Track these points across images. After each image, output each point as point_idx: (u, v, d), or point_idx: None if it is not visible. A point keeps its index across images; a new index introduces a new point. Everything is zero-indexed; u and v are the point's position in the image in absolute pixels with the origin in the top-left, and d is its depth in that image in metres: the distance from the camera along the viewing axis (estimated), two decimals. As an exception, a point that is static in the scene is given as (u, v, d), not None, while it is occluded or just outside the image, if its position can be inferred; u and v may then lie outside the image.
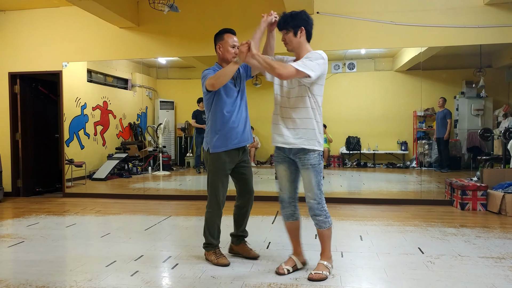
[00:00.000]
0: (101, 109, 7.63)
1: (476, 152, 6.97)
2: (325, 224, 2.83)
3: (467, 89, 7.30)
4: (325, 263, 2.85)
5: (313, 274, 2.78)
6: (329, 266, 2.86)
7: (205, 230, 3.18)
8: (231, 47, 3.07)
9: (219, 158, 3.08)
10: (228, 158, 3.08)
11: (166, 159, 8.18)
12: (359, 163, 8.13)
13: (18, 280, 2.84)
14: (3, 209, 5.58)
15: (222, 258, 3.10)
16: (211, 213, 3.15)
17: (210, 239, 3.15)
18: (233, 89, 3.07)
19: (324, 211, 2.83)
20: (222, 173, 3.10)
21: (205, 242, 3.20)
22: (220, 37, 3.13)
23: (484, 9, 5.41)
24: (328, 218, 2.85)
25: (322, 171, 2.87)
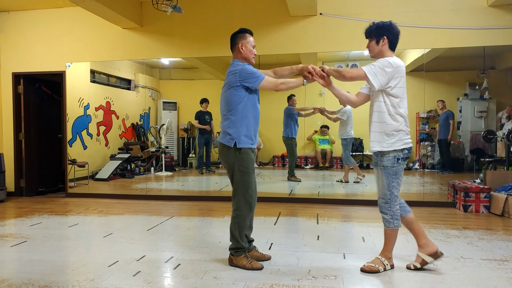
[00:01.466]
0: (104, 110, 7.65)
1: (479, 154, 6.94)
2: (389, 224, 2.96)
3: (471, 91, 7.27)
4: (382, 259, 2.98)
5: (366, 266, 2.96)
6: (385, 263, 2.96)
7: (235, 234, 3.01)
8: (253, 48, 3.14)
9: (248, 154, 3.00)
10: (253, 155, 3.08)
11: (168, 160, 8.18)
12: (361, 164, 8.11)
13: (20, 279, 2.85)
14: (6, 209, 5.60)
15: (254, 262, 3.03)
16: (242, 216, 3.00)
17: (241, 243, 3.01)
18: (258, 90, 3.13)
19: (391, 212, 2.94)
20: (252, 171, 3.02)
21: (235, 247, 3.03)
22: (243, 36, 3.12)
23: (488, 10, 5.39)
24: (394, 220, 2.94)
25: (398, 174, 2.94)
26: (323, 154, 8.10)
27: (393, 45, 3.03)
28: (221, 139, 3.05)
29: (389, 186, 2.94)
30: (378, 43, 3.00)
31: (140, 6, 6.24)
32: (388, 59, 2.92)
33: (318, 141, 8.10)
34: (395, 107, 2.90)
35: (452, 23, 5.45)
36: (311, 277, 2.85)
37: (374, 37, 3.01)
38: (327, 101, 7.18)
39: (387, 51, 3.01)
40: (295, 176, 7.18)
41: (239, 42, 3.10)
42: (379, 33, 2.99)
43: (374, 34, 3.01)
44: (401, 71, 2.93)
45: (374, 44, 3.02)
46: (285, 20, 5.84)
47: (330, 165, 8.16)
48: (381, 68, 2.87)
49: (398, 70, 2.90)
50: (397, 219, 2.95)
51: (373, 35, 3.02)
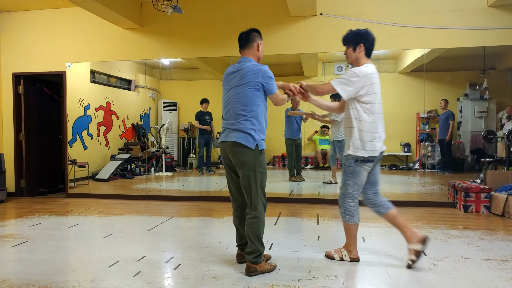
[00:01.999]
0: (104, 110, 7.65)
1: (480, 154, 6.94)
2: (342, 218, 3.17)
3: (471, 91, 7.27)
4: (342, 249, 3.23)
5: (328, 251, 3.30)
6: (344, 254, 3.19)
7: (256, 240, 2.86)
8: None
9: (264, 156, 2.97)
10: None
11: (169, 160, 8.19)
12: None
13: (21, 280, 2.85)
14: (6, 209, 5.60)
15: (272, 264, 3.03)
16: (262, 218, 2.91)
17: (262, 248, 2.89)
18: None
19: (344, 207, 3.14)
20: (266, 173, 3.00)
21: (257, 253, 2.87)
22: (260, 36, 3.08)
23: (488, 11, 5.39)
24: (346, 215, 3.13)
25: (355, 174, 3.10)
26: (323, 154, 8.10)
27: (369, 52, 3.16)
28: (239, 139, 2.85)
29: (345, 183, 3.13)
30: (354, 50, 3.12)
31: (140, 6, 6.25)
32: (355, 69, 3.05)
33: (318, 141, 8.10)
34: (367, 113, 3.04)
35: (452, 24, 5.45)
36: (311, 277, 2.85)
37: (351, 44, 3.13)
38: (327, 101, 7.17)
39: (363, 58, 3.14)
40: (295, 176, 7.19)
41: (258, 41, 3.04)
42: (356, 41, 3.11)
43: (351, 41, 3.13)
44: (371, 79, 3.03)
45: (351, 51, 3.14)
46: (286, 20, 5.85)
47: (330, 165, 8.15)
48: (348, 79, 3.00)
49: (367, 78, 3.02)
50: (350, 215, 3.11)
51: (350, 43, 3.14)
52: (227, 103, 2.99)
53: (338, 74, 7.83)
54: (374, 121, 3.04)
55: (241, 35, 3.07)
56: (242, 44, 3.05)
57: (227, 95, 3.00)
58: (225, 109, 3.01)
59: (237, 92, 2.91)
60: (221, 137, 3.03)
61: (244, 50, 3.05)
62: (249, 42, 3.02)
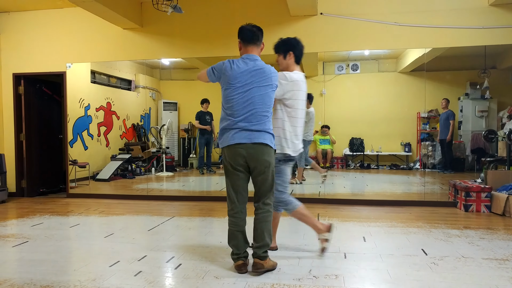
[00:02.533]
0: (104, 110, 7.66)
1: (480, 154, 6.94)
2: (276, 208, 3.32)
3: (472, 90, 7.27)
4: None
5: None
6: None
7: (268, 234, 2.92)
8: None
9: None
10: None
11: (169, 160, 8.19)
12: (362, 164, 8.11)
13: (22, 279, 2.85)
14: (7, 209, 5.61)
15: (274, 261, 3.06)
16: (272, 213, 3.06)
17: (270, 243, 2.97)
18: None
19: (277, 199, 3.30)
20: None
21: (267, 247, 2.92)
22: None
23: (489, 10, 5.39)
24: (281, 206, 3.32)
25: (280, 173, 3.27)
26: (324, 154, 8.10)
27: (298, 59, 3.31)
28: (266, 141, 2.87)
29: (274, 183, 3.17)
30: (285, 58, 3.28)
31: (140, 6, 6.25)
32: (286, 73, 3.18)
33: (319, 141, 8.10)
34: (289, 117, 3.19)
35: (453, 23, 5.45)
36: (312, 276, 2.85)
37: (281, 52, 3.29)
38: (328, 101, 7.19)
39: (292, 65, 3.28)
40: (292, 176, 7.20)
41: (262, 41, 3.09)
42: (286, 49, 3.27)
43: (281, 49, 3.29)
44: (297, 85, 3.17)
45: (282, 59, 3.29)
46: (286, 20, 5.85)
47: (331, 165, 8.16)
48: (278, 81, 3.08)
49: (294, 84, 3.16)
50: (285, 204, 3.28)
51: (280, 51, 3.29)
52: (248, 103, 2.85)
53: (339, 74, 7.85)
54: (296, 125, 3.22)
55: (252, 29, 2.98)
56: (252, 39, 2.98)
57: (246, 94, 2.86)
58: (244, 108, 2.86)
59: (262, 92, 2.88)
60: (235, 138, 2.85)
61: (253, 47, 2.99)
62: (258, 40, 3.02)
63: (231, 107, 2.90)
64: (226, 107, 2.94)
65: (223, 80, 2.96)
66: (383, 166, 8.09)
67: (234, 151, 2.87)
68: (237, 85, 2.88)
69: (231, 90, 2.90)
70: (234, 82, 2.89)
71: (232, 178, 2.95)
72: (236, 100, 2.88)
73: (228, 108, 2.92)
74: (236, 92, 2.88)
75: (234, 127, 2.88)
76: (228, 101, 2.92)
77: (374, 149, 8.05)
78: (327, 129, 8.00)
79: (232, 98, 2.89)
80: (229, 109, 2.92)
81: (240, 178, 2.94)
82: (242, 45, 3.02)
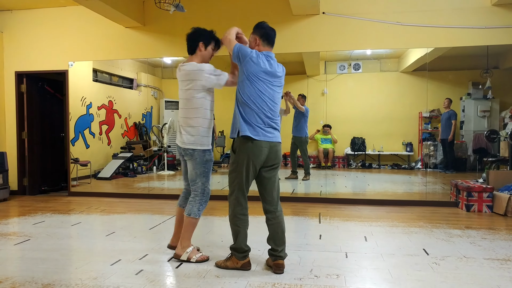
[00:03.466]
0: (106, 109, 7.66)
1: (482, 154, 6.92)
2: (198, 214, 3.27)
3: (474, 90, 7.24)
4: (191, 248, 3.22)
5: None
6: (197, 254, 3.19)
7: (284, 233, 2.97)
8: None
9: None
10: None
11: (171, 159, 8.19)
12: (364, 164, 8.10)
13: (24, 277, 2.86)
14: (9, 208, 5.62)
15: None
16: None
17: None
18: None
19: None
20: None
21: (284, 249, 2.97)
22: None
23: (492, 9, 5.37)
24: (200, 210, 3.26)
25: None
26: (325, 154, 8.09)
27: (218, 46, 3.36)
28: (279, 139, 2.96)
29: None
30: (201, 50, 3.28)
31: (143, 5, 6.25)
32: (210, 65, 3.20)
33: (320, 140, 8.09)
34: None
35: (456, 22, 5.44)
36: (313, 276, 2.85)
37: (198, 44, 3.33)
38: (330, 101, 7.18)
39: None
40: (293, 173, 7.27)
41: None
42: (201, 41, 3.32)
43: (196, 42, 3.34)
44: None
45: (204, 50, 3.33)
46: (288, 19, 5.84)
47: (332, 164, 8.15)
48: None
49: None
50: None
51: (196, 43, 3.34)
52: (276, 101, 2.96)
53: (341, 73, 7.84)
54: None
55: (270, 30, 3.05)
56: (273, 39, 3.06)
57: (276, 93, 2.95)
58: (274, 106, 2.94)
59: (280, 91, 3.01)
60: (266, 136, 2.85)
61: (271, 46, 3.06)
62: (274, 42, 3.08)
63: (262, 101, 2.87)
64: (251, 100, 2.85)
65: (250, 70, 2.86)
66: (385, 165, 8.08)
67: (263, 150, 2.85)
68: (269, 82, 2.90)
69: (265, 86, 2.88)
70: (267, 78, 2.91)
71: (248, 176, 2.88)
72: (268, 96, 2.89)
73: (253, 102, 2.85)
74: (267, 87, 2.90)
75: (268, 125, 2.89)
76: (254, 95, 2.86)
77: (375, 149, 8.04)
78: (328, 128, 8.00)
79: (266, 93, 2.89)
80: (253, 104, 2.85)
81: (253, 176, 2.93)
82: (261, 42, 3.01)
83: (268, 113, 2.87)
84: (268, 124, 2.87)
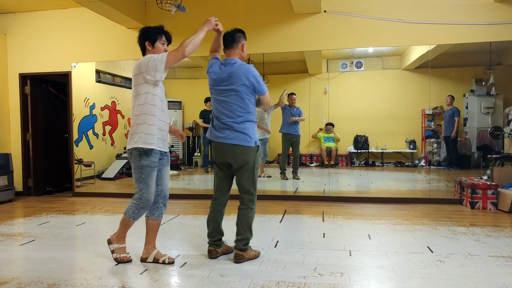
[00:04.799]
0: (109, 109, 7.69)
1: (486, 151, 6.90)
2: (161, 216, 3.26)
3: (477, 87, 7.23)
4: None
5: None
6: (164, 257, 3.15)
7: (249, 229, 3.11)
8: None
9: None
10: None
11: (174, 159, 8.21)
12: (367, 162, 8.09)
13: (29, 278, 2.87)
14: (14, 208, 5.65)
15: (257, 251, 3.26)
16: (254, 210, 3.17)
17: (250, 236, 3.14)
18: None
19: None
20: None
21: (247, 241, 3.12)
22: (245, 37, 3.25)
23: (494, 6, 5.35)
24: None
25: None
26: (328, 152, 8.09)
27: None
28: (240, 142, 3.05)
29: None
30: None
31: (144, 5, 6.26)
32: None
33: (323, 138, 8.09)
34: None
35: (458, 19, 5.42)
36: (317, 274, 2.86)
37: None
38: (332, 99, 7.17)
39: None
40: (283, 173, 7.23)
41: (243, 41, 3.19)
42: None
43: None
44: None
45: None
46: (289, 17, 5.84)
47: (335, 162, 8.15)
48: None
49: None
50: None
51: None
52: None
53: (343, 72, 7.83)
54: None
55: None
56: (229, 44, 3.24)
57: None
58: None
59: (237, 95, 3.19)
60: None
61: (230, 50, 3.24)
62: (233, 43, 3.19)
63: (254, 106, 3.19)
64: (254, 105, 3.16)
65: None
66: (388, 163, 8.07)
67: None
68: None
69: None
70: None
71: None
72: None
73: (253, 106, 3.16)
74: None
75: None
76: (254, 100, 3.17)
77: (378, 147, 8.04)
78: (331, 126, 8.00)
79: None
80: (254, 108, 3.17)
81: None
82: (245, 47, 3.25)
83: None
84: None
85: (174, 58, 3.01)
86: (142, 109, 2.96)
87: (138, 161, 2.94)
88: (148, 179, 2.98)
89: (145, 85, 2.97)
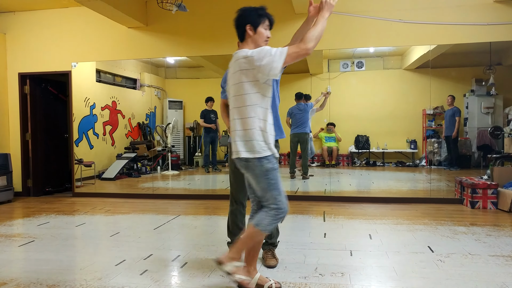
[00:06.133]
0: (110, 109, 7.68)
1: (486, 150, 6.90)
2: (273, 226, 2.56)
3: (477, 87, 7.22)
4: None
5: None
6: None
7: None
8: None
9: None
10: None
11: (175, 159, 8.21)
12: (368, 161, 8.08)
13: (28, 278, 2.87)
14: (13, 209, 5.65)
15: None
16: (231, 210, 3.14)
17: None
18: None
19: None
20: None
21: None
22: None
23: (494, 6, 5.35)
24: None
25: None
26: (330, 152, 8.08)
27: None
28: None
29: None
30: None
31: (145, 5, 6.26)
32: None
33: (324, 138, 8.08)
34: None
35: (458, 19, 5.41)
36: (318, 274, 2.85)
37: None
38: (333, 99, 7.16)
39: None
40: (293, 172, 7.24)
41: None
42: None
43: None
44: None
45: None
46: (290, 17, 5.83)
47: (336, 162, 8.14)
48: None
49: None
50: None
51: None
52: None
53: (344, 71, 7.83)
54: None
55: None
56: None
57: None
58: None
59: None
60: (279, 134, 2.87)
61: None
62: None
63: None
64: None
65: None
66: (389, 163, 8.06)
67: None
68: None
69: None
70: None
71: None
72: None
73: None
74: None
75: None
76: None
77: (379, 147, 8.03)
78: (332, 126, 7.99)
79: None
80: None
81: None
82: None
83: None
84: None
85: (296, 55, 2.45)
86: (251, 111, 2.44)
87: (260, 166, 2.41)
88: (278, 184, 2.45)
89: (256, 83, 2.44)
